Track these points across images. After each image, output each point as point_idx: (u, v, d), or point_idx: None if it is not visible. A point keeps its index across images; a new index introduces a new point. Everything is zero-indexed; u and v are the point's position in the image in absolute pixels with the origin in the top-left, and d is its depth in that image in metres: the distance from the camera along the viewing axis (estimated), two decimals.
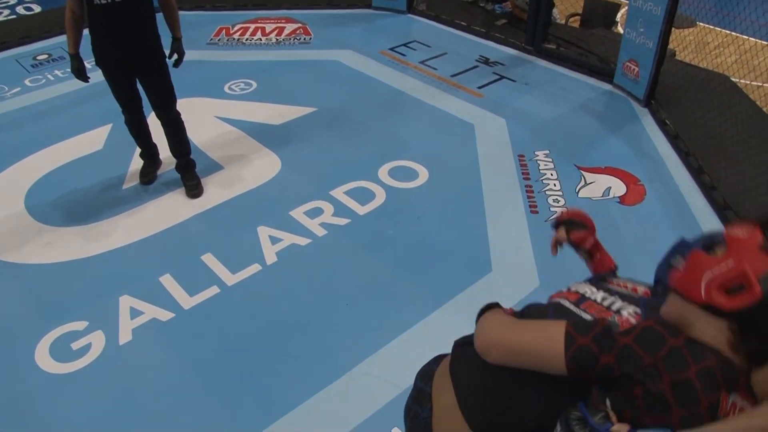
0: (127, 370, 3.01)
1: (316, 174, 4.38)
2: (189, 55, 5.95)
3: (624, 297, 1.48)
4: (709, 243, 1.31)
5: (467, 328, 3.14)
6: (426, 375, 1.76)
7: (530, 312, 1.56)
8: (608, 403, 1.27)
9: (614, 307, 1.44)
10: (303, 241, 3.76)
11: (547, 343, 1.34)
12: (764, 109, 4.93)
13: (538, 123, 5.01)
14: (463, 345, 1.68)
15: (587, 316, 1.42)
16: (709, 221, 3.92)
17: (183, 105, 5.14)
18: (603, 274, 1.73)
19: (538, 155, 4.57)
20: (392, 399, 2.84)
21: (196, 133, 4.76)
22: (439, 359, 1.78)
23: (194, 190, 4.22)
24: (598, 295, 1.50)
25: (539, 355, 1.35)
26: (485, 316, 1.56)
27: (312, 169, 4.44)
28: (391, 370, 2.98)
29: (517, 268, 3.57)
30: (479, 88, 5.52)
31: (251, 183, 4.30)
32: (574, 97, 5.40)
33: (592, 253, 1.82)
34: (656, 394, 1.21)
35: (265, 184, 4.29)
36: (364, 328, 3.21)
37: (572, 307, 1.48)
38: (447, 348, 3.08)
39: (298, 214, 3.98)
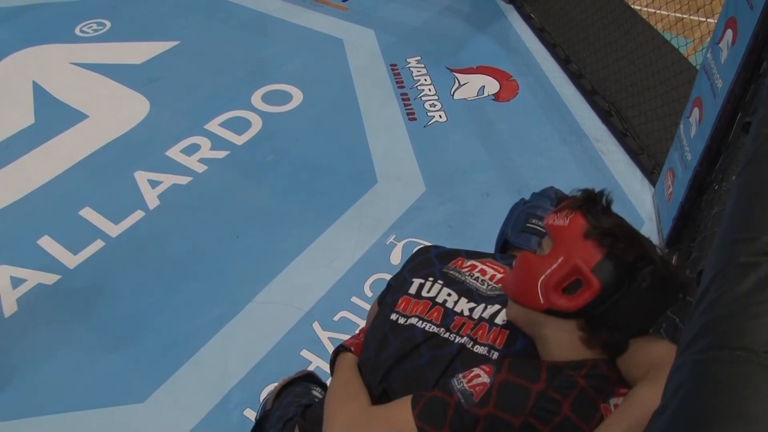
0: (19, 343, 2.86)
1: (187, 109, 4.21)
2: None
3: (483, 297, 1.35)
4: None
5: (361, 243, 3.20)
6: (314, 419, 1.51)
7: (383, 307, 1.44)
8: None
9: (475, 316, 1.31)
10: (184, 180, 3.65)
11: None
12: None
13: (407, 30, 4.98)
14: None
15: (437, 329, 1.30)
16: (579, 108, 4.06)
17: (33, 54, 4.83)
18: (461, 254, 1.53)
19: (410, 62, 4.56)
20: (296, 322, 2.87)
21: (53, 83, 4.47)
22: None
23: None
24: (460, 304, 1.35)
25: None
26: (330, 391, 1.35)
27: (183, 105, 4.26)
28: (290, 295, 2.99)
29: (402, 176, 3.60)
30: (343, 1, 5.40)
31: (120, 128, 4.08)
32: (440, 0, 5.38)
33: None
34: None
35: (136, 127, 4.09)
36: (258, 257, 3.19)
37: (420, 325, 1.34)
38: (344, 263, 3.14)
39: (174, 153, 3.84)
